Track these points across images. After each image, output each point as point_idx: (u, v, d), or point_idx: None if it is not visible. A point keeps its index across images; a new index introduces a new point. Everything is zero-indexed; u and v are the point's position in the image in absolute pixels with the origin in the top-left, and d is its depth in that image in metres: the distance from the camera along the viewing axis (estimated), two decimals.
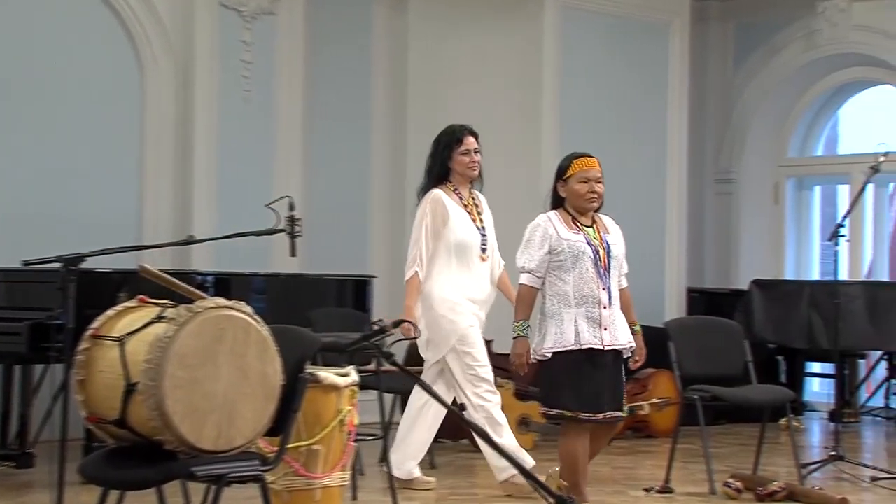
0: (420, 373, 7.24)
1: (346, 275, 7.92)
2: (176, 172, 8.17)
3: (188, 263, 7.56)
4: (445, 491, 6.13)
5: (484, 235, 6.00)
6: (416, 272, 5.91)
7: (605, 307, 5.07)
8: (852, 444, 8.09)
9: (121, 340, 3.69)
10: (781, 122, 11.03)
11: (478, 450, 7.33)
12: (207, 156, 8.18)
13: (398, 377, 5.73)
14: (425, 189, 6.06)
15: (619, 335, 5.11)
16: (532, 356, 5.16)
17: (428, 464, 6.86)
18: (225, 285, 6.83)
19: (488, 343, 8.30)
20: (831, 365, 9.30)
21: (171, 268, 6.42)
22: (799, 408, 9.27)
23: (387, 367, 4.96)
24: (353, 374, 5.01)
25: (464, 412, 5.72)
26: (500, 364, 8.24)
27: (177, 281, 4.02)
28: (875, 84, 10.67)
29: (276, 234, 4.94)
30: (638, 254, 9.75)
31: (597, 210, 5.38)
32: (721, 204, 10.72)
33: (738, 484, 6.03)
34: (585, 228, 5.17)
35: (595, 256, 5.09)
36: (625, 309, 5.25)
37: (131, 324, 3.76)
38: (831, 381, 9.43)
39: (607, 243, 5.15)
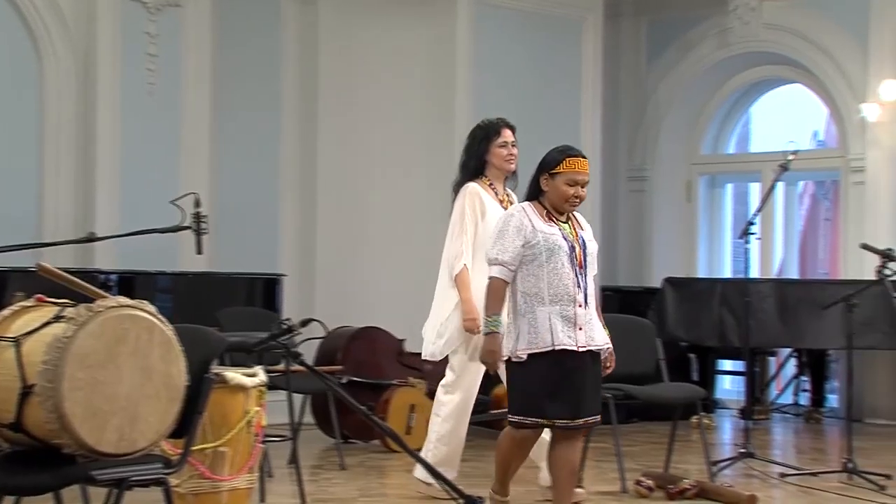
0: (331, 373, 7.16)
1: (256, 273, 7.79)
2: (77, 168, 7.96)
3: (91, 262, 7.38)
4: (356, 493, 6.04)
5: None
6: (465, 265, 5.69)
7: (580, 306, 4.75)
8: (762, 441, 8.17)
9: (16, 341, 3.58)
10: (694, 119, 11.11)
11: (389, 451, 7.27)
12: (110, 151, 7.99)
13: (308, 377, 5.62)
14: (461, 183, 5.87)
15: (595, 335, 4.81)
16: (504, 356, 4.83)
17: (338, 465, 6.77)
18: (129, 284, 6.68)
19: (400, 342, 8.26)
20: (742, 362, 9.38)
21: (72, 266, 6.26)
22: (710, 405, 9.34)
23: (296, 367, 4.84)
24: (261, 375, 4.91)
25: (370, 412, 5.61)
26: (412, 363, 8.20)
27: (77, 280, 3.91)
28: (786, 83, 10.79)
29: (182, 231, 4.83)
30: None
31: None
32: (634, 201, 10.77)
33: (650, 482, 6.03)
34: (561, 223, 4.87)
35: (571, 252, 4.78)
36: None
37: (28, 324, 3.65)
38: (742, 378, 9.51)
39: (583, 240, 4.87)
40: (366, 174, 8.97)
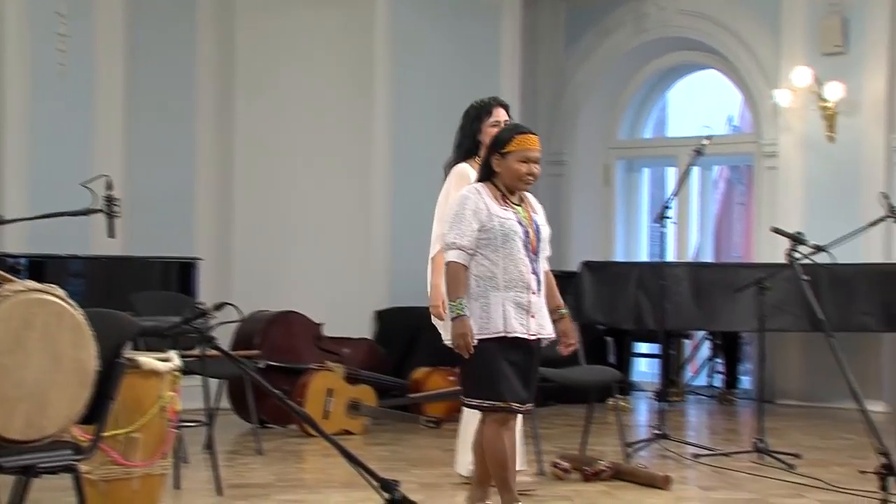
0: (248, 357, 7.10)
1: (171, 257, 7.69)
2: None
3: None
4: (272, 478, 6.01)
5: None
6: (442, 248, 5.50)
7: (533, 293, 4.66)
8: (676, 423, 8.27)
9: None
10: (612, 104, 11.19)
11: (307, 435, 7.24)
12: (19, 132, 7.84)
13: (224, 362, 5.57)
14: (452, 164, 5.71)
15: (544, 324, 4.73)
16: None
17: (254, 450, 6.73)
18: (39, 268, 6.56)
19: (318, 326, 8.23)
20: (658, 345, 9.48)
21: None
22: (626, 388, 9.43)
23: (211, 351, 4.79)
24: (175, 359, 4.84)
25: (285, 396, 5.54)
26: (330, 347, 8.18)
27: None
28: (701, 68, 10.91)
29: (94, 214, 4.75)
30: None
31: None
32: (552, 186, 10.82)
33: (566, 464, 6.07)
34: (515, 206, 4.75)
35: (525, 237, 4.68)
36: (550, 292, 4.94)
37: None
38: (658, 361, 9.61)
39: (537, 224, 4.78)
40: (284, 157, 8.90)
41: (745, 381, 10.25)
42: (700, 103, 11.65)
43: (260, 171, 8.82)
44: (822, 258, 5.72)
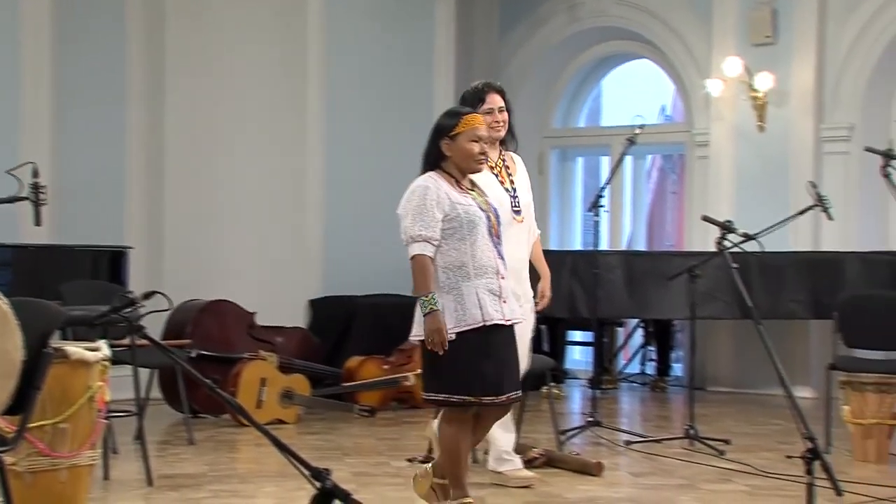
0: (179, 347, 7.04)
1: (100, 246, 7.59)
2: None
3: None
4: (204, 468, 5.95)
5: (515, 197, 5.40)
6: None
7: (502, 277, 4.59)
8: (609, 410, 8.33)
9: None
10: (546, 93, 11.23)
11: (239, 426, 7.19)
12: None
13: (154, 351, 5.51)
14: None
15: (515, 307, 4.69)
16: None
17: (186, 440, 6.67)
18: None
19: (251, 315, 8.17)
20: (591, 333, 9.54)
21: None
22: (560, 376, 9.48)
23: (141, 341, 4.72)
24: (104, 349, 4.78)
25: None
26: (263, 336, 8.13)
27: None
28: (635, 58, 10.98)
29: (20, 202, 4.68)
30: (394, 224, 9.77)
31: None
32: None
33: None
34: (470, 192, 4.69)
35: (488, 222, 4.61)
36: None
37: None
38: (591, 349, 9.67)
39: (493, 206, 4.74)
40: (215, 144, 8.81)
41: (677, 369, 10.34)
42: (633, 93, 11.72)
43: (192, 157, 8.72)
44: (751, 246, 5.78)
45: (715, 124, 9.80)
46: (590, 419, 7.04)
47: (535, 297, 5.53)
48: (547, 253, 10.19)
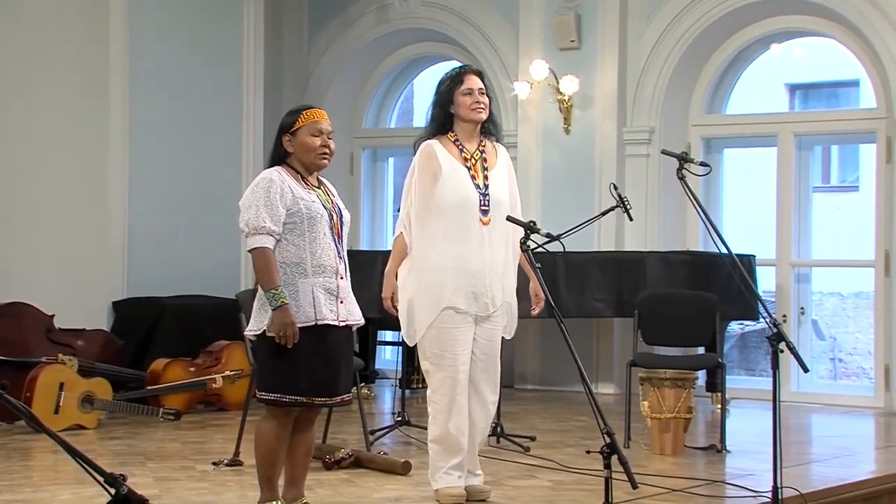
0: None
1: None
2: None
3: None
4: None
5: (485, 195, 5.14)
6: (402, 234, 5.15)
7: (341, 277, 4.55)
8: (419, 409, 8.34)
9: None
10: (356, 94, 11.22)
11: (36, 432, 6.93)
12: None
13: None
14: (422, 139, 5.27)
15: (353, 309, 4.62)
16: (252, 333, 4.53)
17: None
18: None
19: (50, 318, 7.90)
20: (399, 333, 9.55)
21: None
22: (371, 376, 9.47)
23: None
24: None
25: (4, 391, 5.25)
26: (62, 340, 7.87)
27: None
28: (445, 59, 11.05)
29: None
30: (215, 225, 9.64)
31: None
32: None
33: None
34: (316, 189, 4.61)
35: (330, 221, 4.55)
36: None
37: None
38: (401, 348, 9.68)
39: (339, 207, 4.65)
40: (13, 140, 8.49)
41: None
42: None
43: None
44: (557, 246, 5.88)
45: (523, 126, 9.95)
46: (399, 419, 7.06)
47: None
48: (358, 253, 10.24)
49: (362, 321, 4.74)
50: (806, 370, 4.96)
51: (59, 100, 8.68)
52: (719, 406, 7.61)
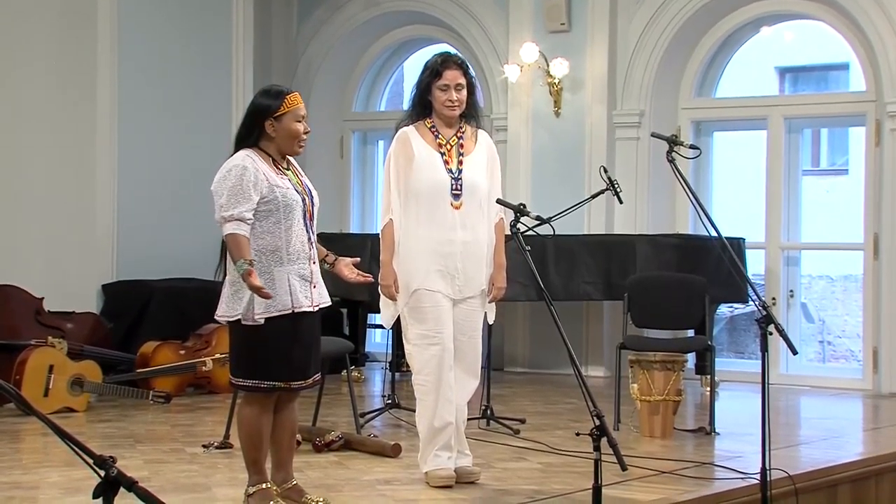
0: None
1: None
2: None
3: None
4: None
5: (457, 179, 5.10)
6: (391, 220, 5.11)
7: (313, 262, 4.53)
8: (409, 392, 8.34)
9: None
10: (346, 76, 11.20)
11: (25, 415, 6.93)
12: None
13: None
14: (402, 123, 5.22)
15: (322, 292, 4.59)
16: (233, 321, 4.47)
17: None
18: None
19: (39, 300, 7.88)
20: None
21: None
22: (361, 359, 9.48)
23: None
24: None
25: None
26: (52, 322, 7.86)
27: None
28: (434, 42, 11.03)
29: None
30: (204, 208, 9.58)
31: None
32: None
33: (298, 436, 6.03)
34: (286, 172, 4.56)
35: (303, 205, 4.50)
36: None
37: None
38: (391, 331, 9.69)
39: (309, 189, 4.61)
40: (2, 124, 8.46)
41: None
42: None
43: None
44: (547, 230, 5.88)
45: (513, 109, 9.95)
46: (389, 401, 7.07)
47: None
48: (348, 236, 10.25)
49: (330, 302, 4.71)
50: (795, 352, 4.96)
51: (48, 85, 8.65)
52: (708, 388, 7.64)
